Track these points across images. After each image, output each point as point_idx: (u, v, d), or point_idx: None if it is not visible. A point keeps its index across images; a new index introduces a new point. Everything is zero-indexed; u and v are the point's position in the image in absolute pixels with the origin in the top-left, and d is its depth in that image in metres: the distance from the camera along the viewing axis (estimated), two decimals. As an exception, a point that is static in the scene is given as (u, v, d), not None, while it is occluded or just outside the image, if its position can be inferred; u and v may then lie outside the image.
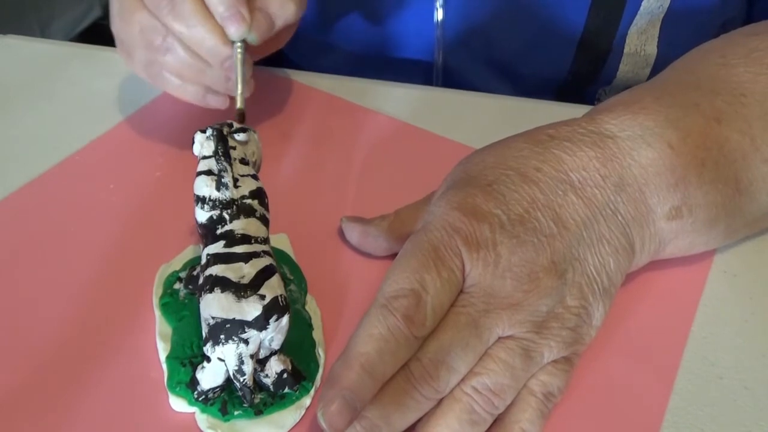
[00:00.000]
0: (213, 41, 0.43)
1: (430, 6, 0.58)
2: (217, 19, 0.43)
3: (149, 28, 0.44)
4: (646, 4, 0.56)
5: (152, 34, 0.44)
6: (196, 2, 0.43)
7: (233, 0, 0.43)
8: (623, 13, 0.57)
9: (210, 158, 0.39)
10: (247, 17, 0.43)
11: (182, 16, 0.43)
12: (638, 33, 0.58)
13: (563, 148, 0.38)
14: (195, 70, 0.45)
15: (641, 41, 0.58)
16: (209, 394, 0.35)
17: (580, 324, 0.35)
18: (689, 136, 0.39)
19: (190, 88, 0.46)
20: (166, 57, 0.45)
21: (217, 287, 0.34)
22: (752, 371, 0.39)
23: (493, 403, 0.34)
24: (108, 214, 0.45)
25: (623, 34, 0.58)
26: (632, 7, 0.56)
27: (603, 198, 0.37)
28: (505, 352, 0.34)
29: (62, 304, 0.40)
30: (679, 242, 0.40)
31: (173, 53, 0.44)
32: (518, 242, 0.35)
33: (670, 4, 0.56)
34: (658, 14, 0.57)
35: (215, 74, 0.45)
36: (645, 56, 0.59)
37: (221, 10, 0.43)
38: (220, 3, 0.43)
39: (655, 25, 0.58)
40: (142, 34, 0.45)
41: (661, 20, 0.57)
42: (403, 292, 0.33)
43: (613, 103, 0.41)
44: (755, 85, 0.41)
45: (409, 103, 0.55)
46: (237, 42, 0.44)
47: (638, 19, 0.57)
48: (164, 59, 0.45)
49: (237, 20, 0.43)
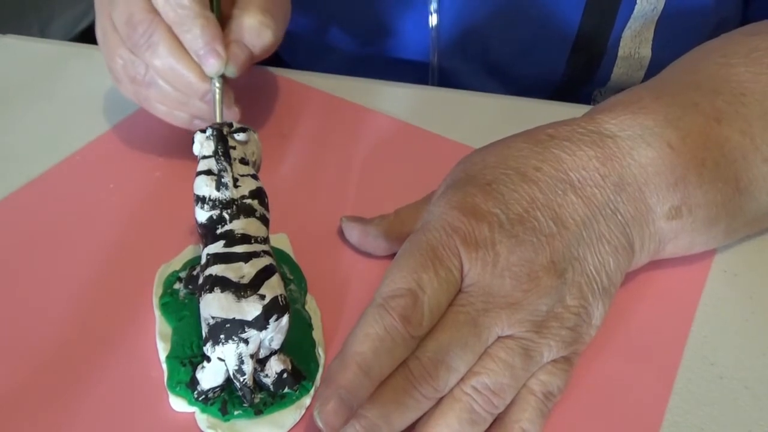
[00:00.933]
0: (191, 78, 0.43)
1: (425, 10, 0.58)
2: (193, 56, 0.43)
3: (130, 63, 0.45)
4: (640, 7, 0.56)
5: (134, 69, 0.45)
6: (171, 40, 0.43)
7: (208, 37, 0.43)
8: (617, 16, 0.57)
9: (210, 158, 0.39)
10: (223, 53, 0.43)
11: (159, 55, 0.43)
12: (632, 36, 0.58)
13: (563, 148, 0.38)
14: (178, 102, 0.45)
15: (635, 44, 0.58)
16: (209, 394, 0.35)
17: (579, 323, 0.35)
18: (689, 136, 0.39)
19: (177, 114, 0.46)
20: (150, 90, 0.45)
21: (217, 287, 0.34)
22: (752, 371, 0.38)
23: (492, 402, 0.34)
24: (108, 214, 0.45)
25: (617, 36, 0.58)
26: (626, 9, 0.56)
27: (603, 197, 0.37)
28: (504, 352, 0.34)
29: (62, 303, 0.40)
30: (679, 242, 0.40)
31: (155, 87, 0.45)
32: (517, 242, 0.35)
33: (664, 7, 0.56)
34: (651, 17, 0.57)
35: (199, 105, 0.45)
36: (639, 59, 0.59)
37: (196, 47, 0.43)
38: (194, 40, 0.43)
39: (649, 28, 0.57)
40: (125, 69, 0.45)
41: (655, 23, 0.57)
42: (400, 292, 0.34)
43: (612, 102, 0.41)
44: (755, 85, 0.41)
45: (409, 103, 0.55)
46: (214, 78, 0.44)
47: (632, 22, 0.57)
48: (148, 92, 0.45)
49: (212, 57, 0.43)
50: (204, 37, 0.43)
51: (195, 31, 0.43)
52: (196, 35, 0.43)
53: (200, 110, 0.46)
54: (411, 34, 0.60)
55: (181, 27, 0.43)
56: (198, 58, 0.43)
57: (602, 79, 0.61)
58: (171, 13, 0.43)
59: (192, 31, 0.43)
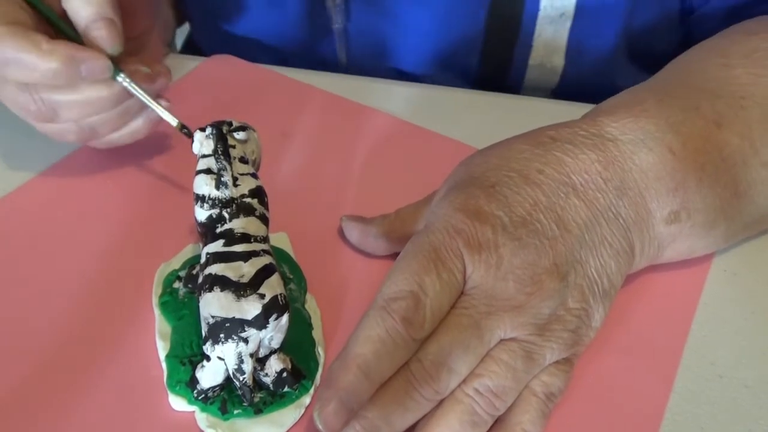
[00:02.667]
0: (100, 93, 0.42)
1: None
2: (82, 80, 0.41)
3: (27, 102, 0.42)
4: (544, 13, 0.55)
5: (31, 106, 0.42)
6: (60, 92, 0.41)
7: (72, 57, 0.40)
8: (522, 21, 0.56)
9: (209, 157, 0.38)
10: (93, 53, 0.41)
11: (65, 107, 0.42)
12: (544, 44, 0.57)
13: (565, 151, 0.38)
14: (119, 117, 0.44)
15: (547, 52, 0.58)
16: (209, 393, 0.35)
17: (580, 326, 0.35)
18: (690, 141, 0.39)
19: (138, 123, 0.45)
20: (94, 130, 0.44)
21: (217, 286, 0.34)
22: (752, 370, 0.39)
23: (494, 404, 0.34)
24: (108, 213, 0.45)
25: (527, 44, 0.57)
26: (531, 11, 0.55)
27: (605, 201, 0.37)
28: (507, 354, 0.34)
29: (62, 303, 0.40)
30: (678, 246, 0.40)
31: (93, 125, 0.43)
32: (520, 244, 0.35)
33: (575, 16, 0.55)
34: (562, 22, 0.56)
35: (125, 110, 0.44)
36: (552, 67, 0.59)
37: (77, 76, 0.40)
38: (68, 76, 0.40)
39: (561, 36, 0.57)
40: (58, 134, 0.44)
41: (568, 30, 0.56)
42: (402, 294, 0.33)
43: (614, 104, 0.41)
44: (755, 88, 0.41)
45: (410, 102, 0.55)
46: (116, 75, 0.42)
47: (541, 29, 0.56)
48: (94, 135, 0.44)
49: (94, 63, 0.41)
50: (68, 66, 0.40)
51: (56, 71, 0.40)
52: (65, 75, 0.40)
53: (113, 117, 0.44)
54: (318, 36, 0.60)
55: (47, 81, 0.40)
56: (88, 78, 0.41)
57: (516, 86, 0.61)
58: (28, 79, 0.40)
59: (59, 77, 0.40)
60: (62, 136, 0.44)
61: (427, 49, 0.59)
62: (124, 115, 0.44)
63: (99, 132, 0.44)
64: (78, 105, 0.42)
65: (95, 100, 0.42)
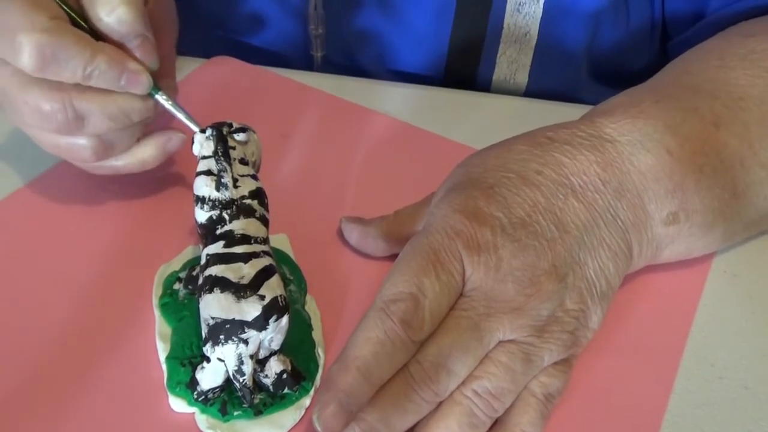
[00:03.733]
0: (134, 107, 0.40)
1: None
2: (120, 91, 0.39)
3: (75, 148, 0.40)
4: (507, 31, 0.55)
5: (97, 153, 0.41)
6: (95, 97, 0.39)
7: (116, 65, 0.38)
8: (485, 37, 0.56)
9: (210, 158, 0.39)
10: (138, 66, 0.39)
11: (95, 122, 0.39)
12: (508, 61, 0.57)
13: (563, 152, 0.38)
14: None
15: (511, 70, 0.58)
16: (209, 395, 0.35)
17: (578, 327, 0.35)
18: (688, 142, 0.39)
19: (150, 152, 0.43)
20: (114, 153, 0.42)
21: (217, 287, 0.34)
22: (752, 371, 0.39)
23: (493, 406, 0.34)
24: (108, 214, 0.45)
25: (491, 61, 0.58)
26: (494, 27, 0.56)
27: (603, 203, 0.37)
28: (506, 356, 0.34)
29: (62, 304, 0.40)
30: (676, 247, 0.40)
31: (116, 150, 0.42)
32: (520, 246, 0.35)
33: (539, 34, 0.56)
34: (527, 41, 0.56)
35: None
36: (515, 83, 0.59)
37: (116, 84, 0.39)
38: (110, 81, 0.39)
39: (527, 54, 0.57)
40: (78, 157, 0.41)
41: (533, 49, 0.56)
42: (401, 296, 0.33)
43: (612, 105, 0.41)
44: (753, 89, 0.41)
45: (409, 103, 0.55)
46: (155, 93, 0.41)
47: (505, 47, 0.57)
48: (115, 160, 0.42)
49: (136, 78, 0.39)
50: (113, 70, 0.38)
51: (102, 73, 0.38)
52: (106, 77, 0.38)
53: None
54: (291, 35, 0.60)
55: (88, 80, 0.38)
56: (126, 89, 0.40)
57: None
58: (68, 77, 0.38)
59: (100, 77, 0.38)
60: (75, 152, 0.41)
61: (394, 65, 0.60)
62: (142, 129, 0.42)
63: (116, 148, 0.42)
64: (108, 116, 0.39)
65: (127, 111, 0.40)
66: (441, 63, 0.59)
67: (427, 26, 0.57)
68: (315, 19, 0.58)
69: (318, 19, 0.58)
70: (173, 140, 0.43)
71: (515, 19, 0.55)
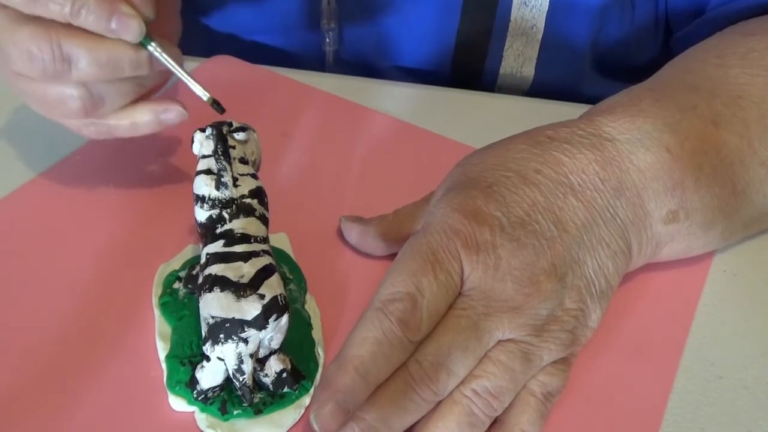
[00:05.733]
0: (125, 55, 0.38)
1: None
2: (111, 36, 0.38)
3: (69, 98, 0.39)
4: (515, 24, 0.56)
5: (83, 102, 0.39)
6: (84, 41, 0.37)
7: (106, 7, 0.37)
8: (492, 31, 0.56)
9: (209, 157, 0.39)
10: (131, 10, 0.38)
11: (83, 62, 0.38)
12: (515, 54, 0.58)
13: (562, 150, 0.38)
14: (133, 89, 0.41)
15: (518, 63, 0.58)
16: (209, 394, 0.35)
17: (577, 326, 0.35)
18: (687, 140, 0.39)
19: (144, 117, 0.41)
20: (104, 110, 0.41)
21: (217, 286, 0.34)
22: (752, 371, 0.39)
23: (492, 405, 0.34)
24: (108, 213, 0.45)
25: (498, 54, 0.58)
26: (501, 23, 0.56)
27: (603, 201, 0.37)
28: (505, 355, 0.34)
29: (61, 303, 0.40)
30: (676, 245, 0.40)
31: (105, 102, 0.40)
32: (519, 245, 0.35)
33: (545, 27, 0.56)
34: (533, 35, 0.56)
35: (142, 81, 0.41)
36: (522, 77, 0.59)
37: (105, 28, 0.37)
38: (97, 22, 0.37)
39: (533, 47, 0.57)
40: (71, 109, 0.40)
41: (539, 42, 0.57)
42: (399, 296, 0.33)
43: (611, 104, 0.41)
44: (752, 87, 0.41)
45: (409, 103, 0.55)
46: (147, 43, 0.39)
47: (512, 41, 0.57)
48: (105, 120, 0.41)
49: (127, 22, 0.37)
50: (102, 9, 0.37)
51: (90, 11, 0.37)
52: (95, 16, 0.37)
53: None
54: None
55: (76, 18, 0.37)
56: (116, 35, 0.38)
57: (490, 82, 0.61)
58: (56, 12, 0.37)
59: (88, 16, 0.37)
60: (64, 103, 0.39)
61: (403, 60, 0.60)
62: (137, 88, 0.41)
63: (106, 104, 0.40)
64: (96, 61, 0.38)
65: (117, 60, 0.38)
66: (448, 56, 0.59)
67: (435, 20, 0.57)
68: (328, 14, 0.58)
69: (331, 14, 0.58)
70: (171, 112, 0.41)
71: (522, 12, 0.55)
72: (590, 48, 0.58)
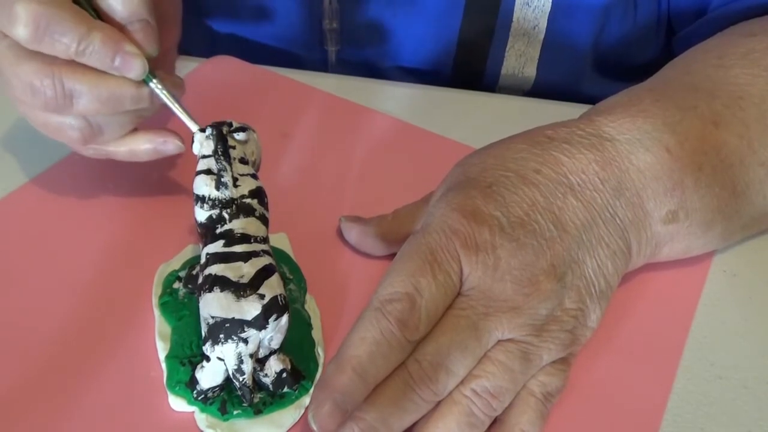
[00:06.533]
0: (126, 92, 0.39)
1: None
2: (114, 73, 0.38)
3: (70, 128, 0.39)
4: (517, 25, 0.56)
5: (83, 132, 0.40)
6: (87, 76, 0.38)
7: (111, 45, 0.37)
8: (495, 31, 0.56)
9: (209, 157, 0.39)
10: (134, 49, 0.38)
11: (84, 99, 0.38)
12: (516, 55, 0.58)
13: (562, 150, 0.38)
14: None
15: (520, 63, 0.58)
16: (208, 394, 0.35)
17: (577, 326, 0.35)
18: (687, 140, 0.39)
19: (142, 146, 0.42)
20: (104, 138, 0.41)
21: (217, 286, 0.34)
22: (752, 371, 0.39)
23: (491, 405, 0.34)
24: (108, 213, 0.45)
25: (500, 54, 0.58)
26: (504, 23, 0.56)
27: (602, 201, 0.37)
28: (504, 355, 0.34)
29: (61, 303, 0.40)
30: (675, 245, 0.40)
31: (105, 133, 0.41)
32: (518, 245, 0.35)
33: (547, 27, 0.56)
34: (535, 35, 0.56)
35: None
36: (523, 78, 0.59)
37: (108, 65, 0.38)
38: (102, 59, 0.38)
39: (535, 47, 0.57)
40: (71, 136, 0.40)
41: (541, 42, 0.57)
42: (397, 296, 0.33)
43: (611, 104, 0.41)
44: (752, 88, 0.41)
45: (409, 103, 0.55)
46: (149, 80, 0.39)
47: (514, 41, 0.57)
48: (105, 145, 0.42)
49: (130, 60, 0.38)
50: (107, 48, 0.37)
51: (95, 51, 0.37)
52: (99, 55, 0.37)
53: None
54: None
55: (81, 57, 0.37)
56: (119, 72, 0.38)
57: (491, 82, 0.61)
58: (61, 51, 0.37)
59: (93, 55, 0.37)
60: (63, 132, 0.40)
61: (404, 60, 0.60)
62: (137, 119, 0.42)
63: (105, 134, 0.41)
64: (97, 98, 0.38)
65: (118, 96, 0.39)
66: (450, 56, 0.59)
67: (436, 19, 0.57)
68: (330, 13, 0.58)
69: (333, 14, 0.58)
70: (169, 144, 0.42)
71: (524, 12, 0.55)
72: (592, 48, 0.58)
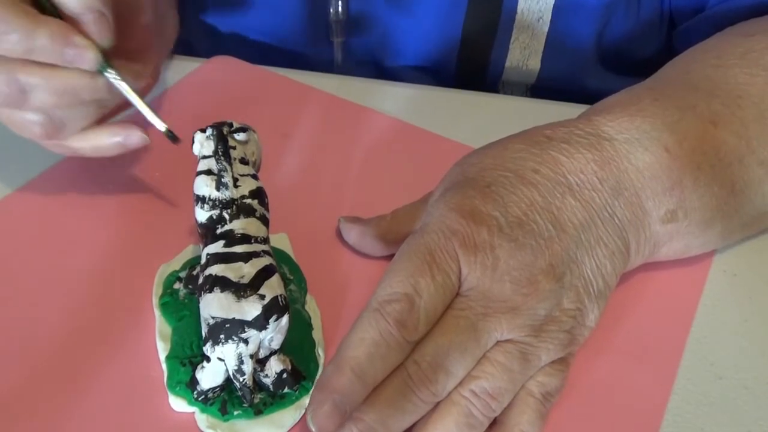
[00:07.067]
0: (80, 82, 0.38)
1: None
2: (65, 64, 0.38)
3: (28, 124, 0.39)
4: (522, 17, 0.56)
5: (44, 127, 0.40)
6: (41, 72, 0.38)
7: (60, 39, 0.37)
8: (499, 24, 0.56)
9: (210, 158, 0.39)
10: (84, 41, 0.37)
11: (40, 91, 0.38)
12: (521, 47, 0.58)
13: (561, 150, 0.38)
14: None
15: (524, 56, 0.58)
16: (209, 394, 0.35)
17: (575, 326, 0.35)
18: (686, 140, 0.39)
19: (106, 141, 0.42)
20: (64, 133, 0.41)
21: (217, 287, 0.34)
22: (752, 371, 0.39)
23: (490, 406, 0.34)
24: (108, 214, 0.45)
25: (504, 46, 0.58)
26: (508, 17, 0.56)
27: (600, 201, 0.37)
28: (503, 356, 0.34)
29: (62, 303, 0.40)
30: (674, 245, 0.40)
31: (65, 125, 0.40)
32: (517, 245, 0.35)
33: (552, 19, 0.56)
34: (540, 27, 0.56)
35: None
36: (528, 70, 0.59)
37: (62, 59, 0.37)
38: (54, 54, 0.37)
39: (539, 40, 0.57)
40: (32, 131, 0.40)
41: (545, 34, 0.57)
42: (396, 297, 0.33)
43: (610, 103, 0.41)
44: (751, 87, 0.41)
45: (409, 103, 0.55)
46: (104, 70, 0.39)
47: (518, 33, 0.57)
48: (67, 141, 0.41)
49: (82, 52, 0.37)
50: (56, 43, 0.37)
51: (43, 44, 0.37)
52: (48, 51, 0.37)
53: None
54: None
55: (30, 54, 0.37)
56: (72, 65, 0.38)
57: (491, 89, 0.61)
58: (9, 49, 0.37)
59: (42, 51, 0.37)
60: (26, 127, 0.40)
61: (408, 54, 0.60)
62: (99, 111, 0.41)
63: (68, 128, 0.40)
64: (53, 91, 0.38)
65: (74, 88, 0.38)
66: (454, 48, 0.59)
67: (441, 11, 0.57)
68: (336, 3, 0.58)
69: (339, 4, 0.58)
70: (132, 137, 0.42)
71: (529, 4, 0.55)
72: (596, 41, 0.58)
